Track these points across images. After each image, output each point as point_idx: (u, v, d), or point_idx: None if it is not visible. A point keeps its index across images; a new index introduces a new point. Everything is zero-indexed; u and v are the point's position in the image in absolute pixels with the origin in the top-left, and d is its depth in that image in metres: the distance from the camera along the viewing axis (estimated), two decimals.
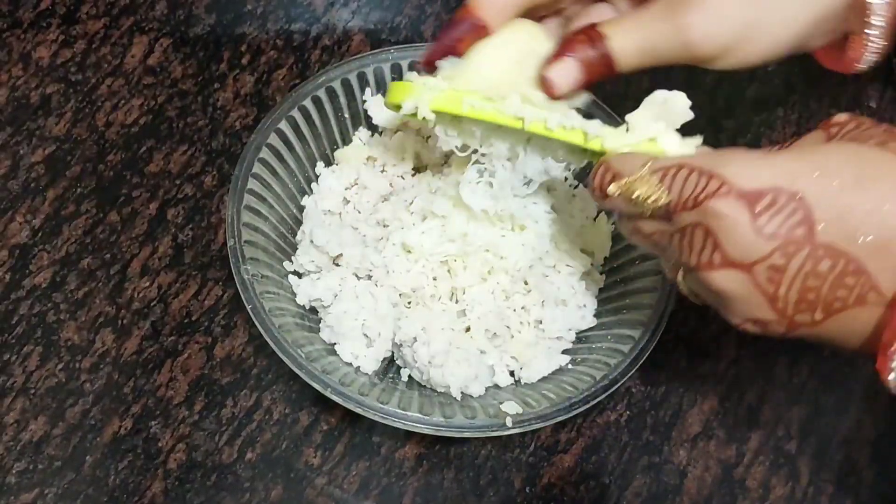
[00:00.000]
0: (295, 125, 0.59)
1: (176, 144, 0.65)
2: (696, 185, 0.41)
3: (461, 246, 0.55)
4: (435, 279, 0.55)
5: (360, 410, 0.50)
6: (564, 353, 0.56)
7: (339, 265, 0.56)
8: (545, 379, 0.55)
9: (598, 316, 0.57)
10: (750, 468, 0.58)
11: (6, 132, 0.64)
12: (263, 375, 0.58)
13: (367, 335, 0.54)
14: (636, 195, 0.43)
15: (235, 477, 0.55)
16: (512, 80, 0.48)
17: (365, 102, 0.60)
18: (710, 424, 0.59)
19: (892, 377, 0.39)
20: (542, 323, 0.56)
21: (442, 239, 0.55)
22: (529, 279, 0.56)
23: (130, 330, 0.59)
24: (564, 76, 0.47)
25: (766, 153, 0.42)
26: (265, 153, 0.57)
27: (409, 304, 0.55)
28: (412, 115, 0.49)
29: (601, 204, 0.47)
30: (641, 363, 0.53)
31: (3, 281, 0.60)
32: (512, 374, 0.56)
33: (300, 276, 0.57)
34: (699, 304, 0.45)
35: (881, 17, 0.47)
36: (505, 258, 0.55)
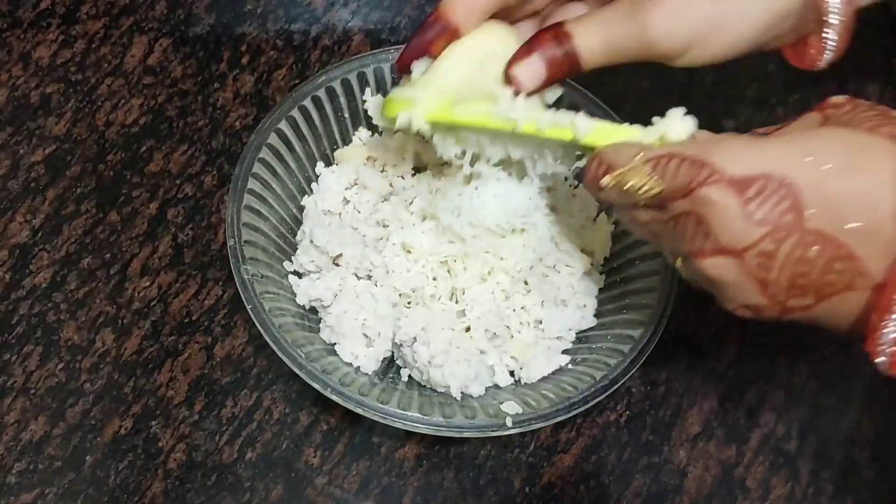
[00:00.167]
0: (295, 125, 0.59)
1: (176, 144, 0.65)
2: (686, 173, 0.41)
3: (461, 247, 0.55)
4: (435, 279, 0.55)
5: (360, 410, 0.50)
6: (564, 353, 0.56)
7: (339, 265, 0.56)
8: (545, 379, 0.55)
9: (598, 316, 0.57)
10: (750, 468, 0.58)
11: (6, 132, 0.64)
12: (263, 375, 0.58)
13: (367, 335, 0.54)
14: (629, 185, 0.44)
15: (236, 477, 0.55)
16: (481, 79, 0.49)
17: (365, 102, 0.60)
18: (710, 424, 0.59)
19: (880, 360, 0.39)
20: (542, 323, 0.56)
21: (442, 239, 0.55)
22: (529, 279, 0.56)
23: (130, 330, 0.59)
24: (530, 73, 0.48)
25: (755, 139, 0.42)
26: (265, 153, 0.57)
27: (408, 304, 0.55)
28: (406, 129, 0.49)
29: (596, 196, 0.47)
30: (641, 363, 0.53)
31: (3, 281, 0.60)
32: (512, 374, 0.56)
33: (300, 276, 0.57)
34: (698, 289, 0.46)
35: (837, 16, 0.47)
36: (505, 259, 0.55)
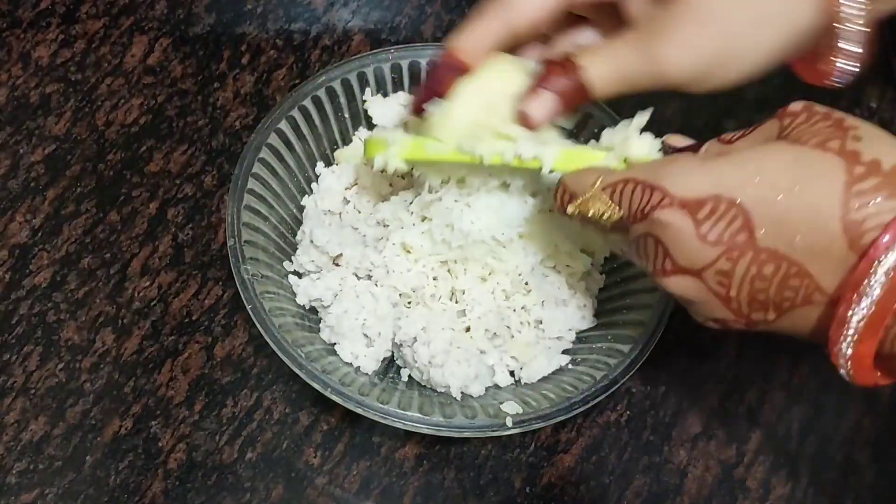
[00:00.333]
0: (295, 125, 0.59)
1: (176, 144, 0.65)
2: (640, 197, 0.43)
3: (460, 253, 0.55)
4: (435, 279, 0.55)
5: (360, 410, 0.50)
6: (564, 353, 0.56)
7: (339, 265, 0.56)
8: (545, 379, 0.55)
9: (598, 316, 0.57)
10: (750, 468, 0.58)
11: (6, 132, 0.64)
12: (263, 375, 0.58)
13: (367, 335, 0.54)
14: (591, 213, 0.45)
15: (236, 477, 0.55)
16: (491, 116, 0.50)
17: (365, 102, 0.61)
18: (710, 424, 0.59)
19: (843, 371, 0.40)
20: (542, 323, 0.56)
21: (441, 245, 0.55)
22: (530, 279, 0.56)
23: (131, 330, 0.59)
24: (541, 109, 0.49)
25: (706, 161, 0.42)
26: (265, 153, 0.57)
27: (409, 304, 0.55)
28: (384, 168, 0.51)
29: (572, 221, 0.48)
30: (642, 363, 0.53)
31: (3, 281, 0.60)
32: (512, 374, 0.56)
33: (300, 276, 0.57)
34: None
35: (852, 42, 0.47)
36: (505, 262, 0.55)
